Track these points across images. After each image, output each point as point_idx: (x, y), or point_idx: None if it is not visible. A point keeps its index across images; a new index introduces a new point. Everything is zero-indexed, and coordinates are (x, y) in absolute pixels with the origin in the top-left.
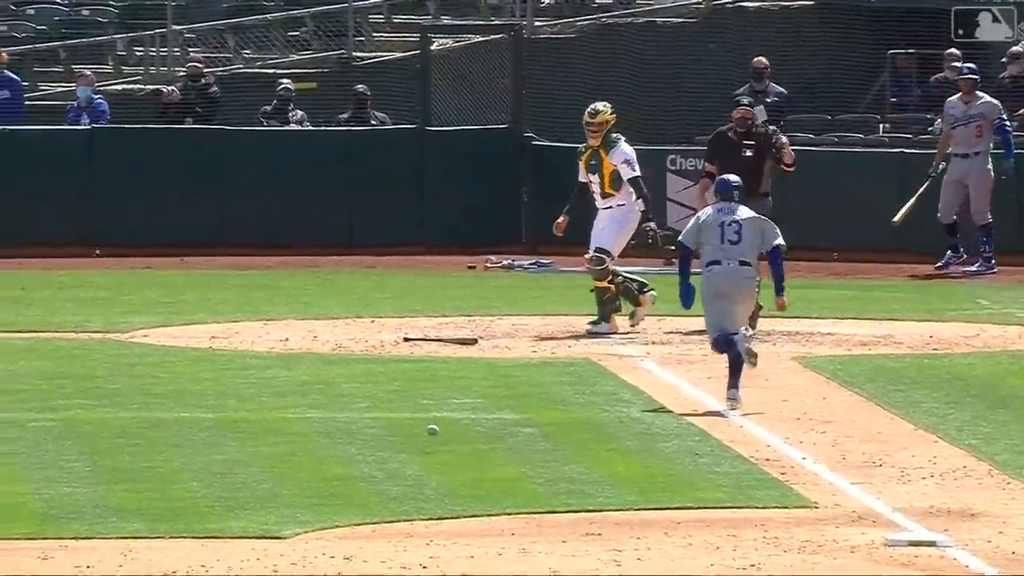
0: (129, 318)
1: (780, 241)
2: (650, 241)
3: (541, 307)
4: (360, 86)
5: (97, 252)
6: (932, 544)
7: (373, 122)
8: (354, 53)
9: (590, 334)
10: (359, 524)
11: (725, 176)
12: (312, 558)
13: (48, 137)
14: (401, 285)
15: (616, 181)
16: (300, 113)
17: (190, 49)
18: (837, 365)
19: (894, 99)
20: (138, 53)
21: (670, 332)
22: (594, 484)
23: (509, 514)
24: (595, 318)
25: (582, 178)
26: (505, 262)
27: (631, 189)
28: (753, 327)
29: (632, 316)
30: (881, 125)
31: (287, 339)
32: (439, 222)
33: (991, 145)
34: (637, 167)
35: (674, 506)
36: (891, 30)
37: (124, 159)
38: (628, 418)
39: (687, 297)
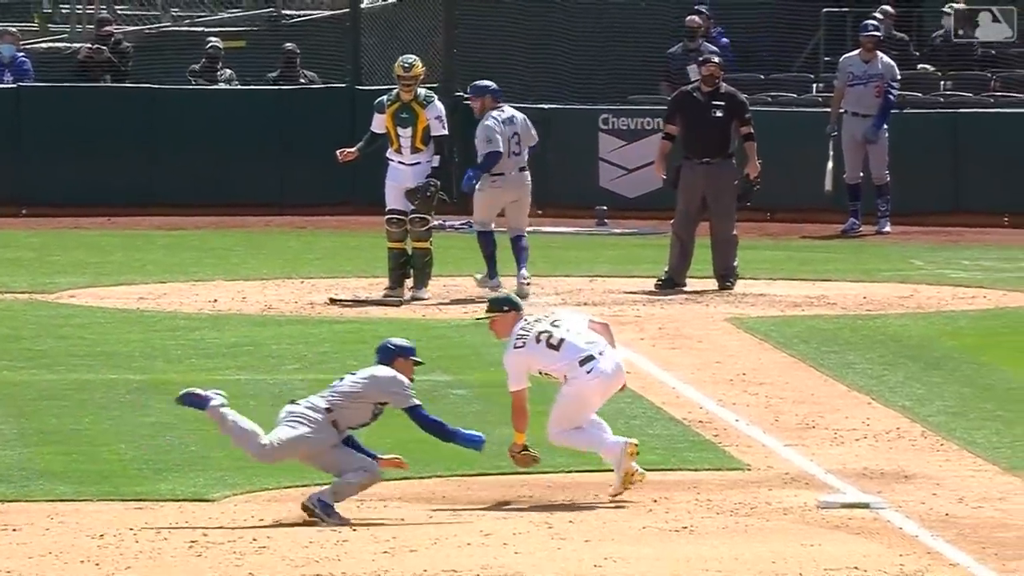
0: (56, 279)
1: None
2: (428, 194)
3: (473, 267)
4: (289, 44)
5: (23, 212)
6: (865, 506)
7: (302, 80)
8: (283, 11)
9: (416, 299)
10: (288, 487)
11: (486, 83)
12: (241, 521)
13: None
14: (331, 246)
15: (426, 136)
16: (228, 72)
17: (117, 8)
18: (771, 326)
19: (827, 58)
20: (64, 11)
21: (603, 292)
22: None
23: (440, 476)
24: (413, 285)
25: (378, 129)
26: (436, 222)
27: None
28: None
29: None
30: (815, 84)
31: (216, 300)
32: (370, 182)
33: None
34: (447, 126)
35: (607, 469)
36: None
37: (52, 117)
38: None
39: (469, 184)
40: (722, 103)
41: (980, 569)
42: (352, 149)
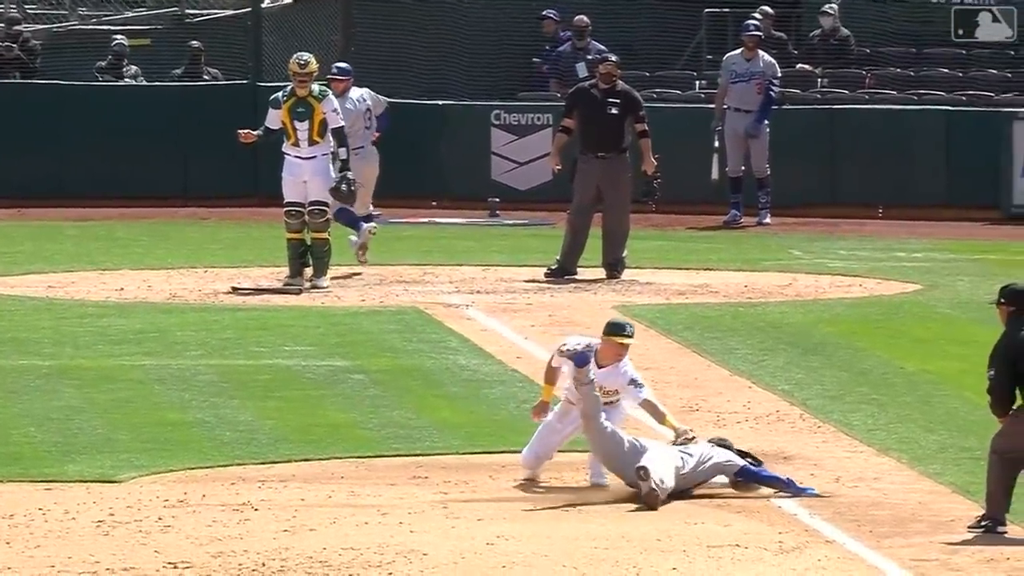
0: None
1: None
2: (353, 188)
3: (371, 257)
4: (194, 42)
5: None
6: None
7: (206, 77)
8: (187, 10)
9: (315, 287)
10: (193, 468)
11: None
12: (147, 501)
13: None
14: (234, 236)
15: (323, 129)
16: (134, 69)
17: (26, 6)
18: (656, 313)
19: (709, 57)
20: None
21: (496, 281)
22: (421, 429)
23: (339, 458)
24: (305, 273)
25: (273, 124)
26: (332, 214)
27: (332, 138)
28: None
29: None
30: (697, 82)
31: (122, 289)
32: (271, 175)
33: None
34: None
35: (499, 450)
36: None
37: None
38: (455, 365)
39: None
40: (618, 100)
41: (855, 545)
42: (253, 133)
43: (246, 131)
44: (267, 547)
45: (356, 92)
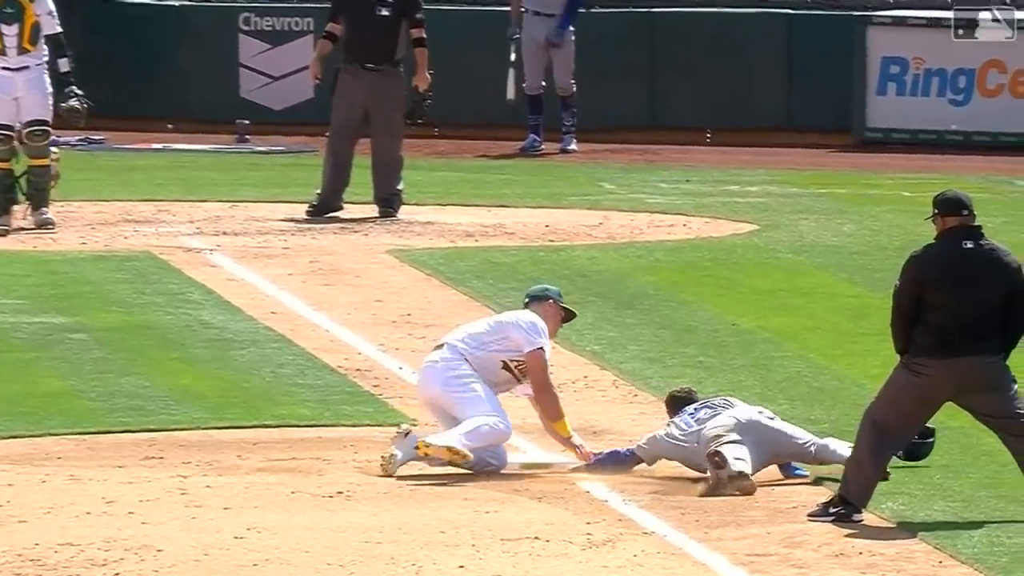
0: None
1: None
2: (87, 105)
3: (93, 191)
4: None
5: None
6: (547, 466)
7: None
8: None
9: (42, 225)
10: None
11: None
12: None
13: None
14: None
15: (36, 35)
16: None
17: None
18: (440, 259)
19: None
20: None
21: (246, 220)
22: (156, 399)
23: (56, 434)
24: (39, 207)
25: None
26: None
27: (47, 47)
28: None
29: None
30: None
31: None
32: None
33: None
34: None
35: (251, 424)
36: None
37: None
38: (197, 322)
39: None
40: (390, 1)
41: (679, 537)
42: None
43: None
44: None
45: None
